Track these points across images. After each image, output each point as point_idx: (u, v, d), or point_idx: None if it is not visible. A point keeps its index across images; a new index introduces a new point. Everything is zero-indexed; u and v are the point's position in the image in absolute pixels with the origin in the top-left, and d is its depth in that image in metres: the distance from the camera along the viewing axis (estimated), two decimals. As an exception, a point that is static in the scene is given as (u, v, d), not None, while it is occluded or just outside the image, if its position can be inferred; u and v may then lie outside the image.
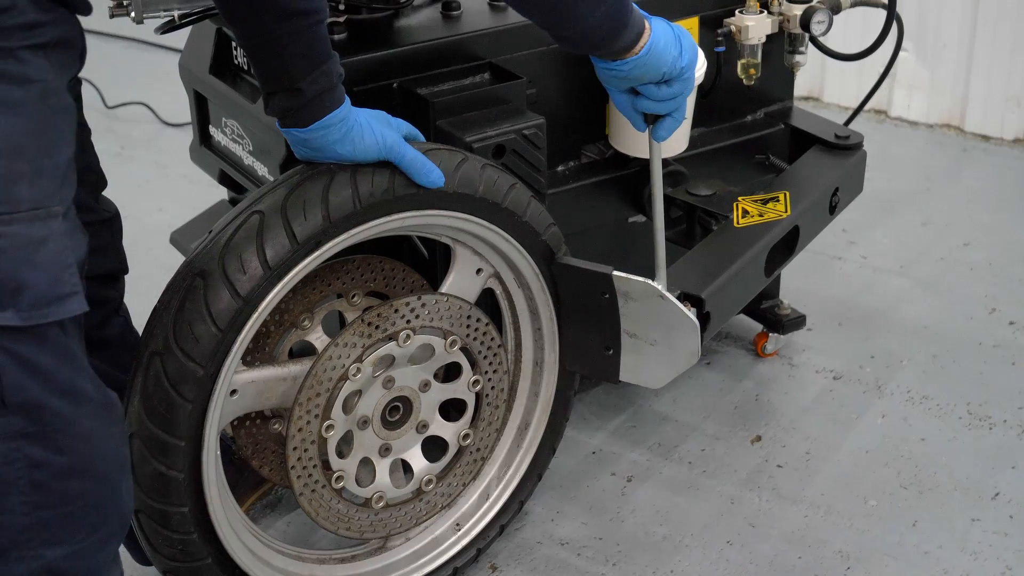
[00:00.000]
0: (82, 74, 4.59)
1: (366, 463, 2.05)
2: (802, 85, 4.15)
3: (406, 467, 2.12)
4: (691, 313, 2.05)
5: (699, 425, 2.66)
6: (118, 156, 3.89)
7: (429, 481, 2.12)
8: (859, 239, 3.34)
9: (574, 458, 2.57)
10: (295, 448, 1.94)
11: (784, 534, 2.37)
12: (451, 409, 2.15)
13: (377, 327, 1.96)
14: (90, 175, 1.92)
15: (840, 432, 2.63)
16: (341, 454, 2.01)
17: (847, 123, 2.74)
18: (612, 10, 1.76)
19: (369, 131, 1.83)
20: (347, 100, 1.83)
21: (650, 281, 2.03)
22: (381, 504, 2.07)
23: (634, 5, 1.83)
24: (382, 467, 2.06)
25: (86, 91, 4.15)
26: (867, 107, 4.01)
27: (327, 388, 1.93)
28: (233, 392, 1.90)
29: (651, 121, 1.98)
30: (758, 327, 2.87)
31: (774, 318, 2.81)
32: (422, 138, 1.97)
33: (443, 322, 2.02)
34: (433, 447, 2.14)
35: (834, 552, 2.33)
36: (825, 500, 2.45)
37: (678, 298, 2.07)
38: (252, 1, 1.70)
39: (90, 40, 5.04)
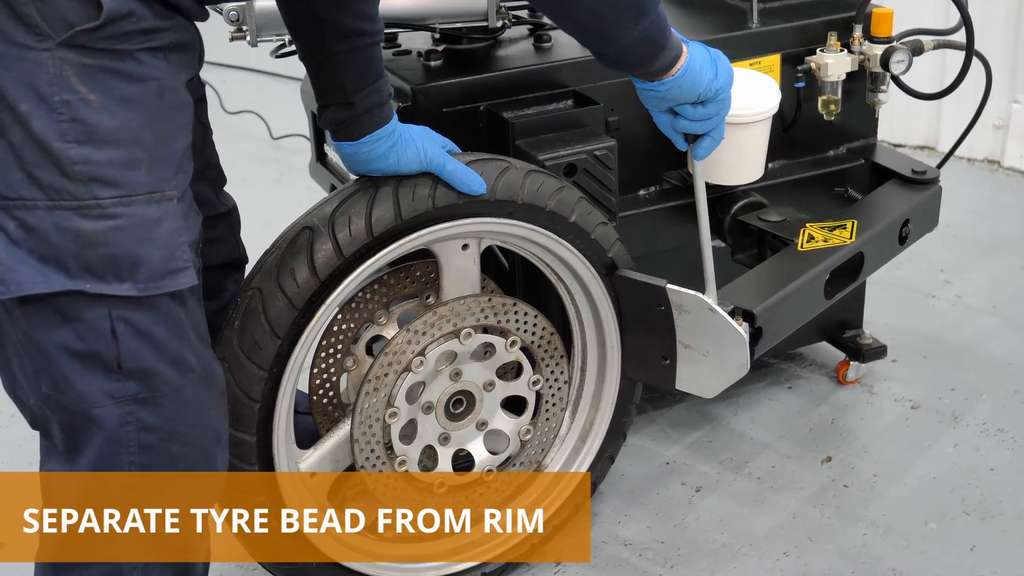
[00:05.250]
0: (252, 108, 4.78)
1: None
2: (919, 134, 4.05)
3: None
4: (740, 327, 2.01)
5: (772, 444, 2.60)
6: (277, 182, 4.03)
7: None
8: (955, 279, 3.23)
9: (647, 466, 2.54)
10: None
11: (841, 549, 2.30)
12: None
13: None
14: (211, 171, 1.97)
15: (910, 458, 2.54)
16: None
17: (939, 166, 2.64)
18: (649, 31, 1.74)
19: (412, 145, 1.86)
20: (395, 117, 1.86)
21: (700, 295, 2.00)
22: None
23: (672, 29, 1.81)
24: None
25: (254, 121, 4.35)
26: (981, 157, 3.93)
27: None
28: (313, 475, 1.99)
29: (691, 140, 1.96)
30: (841, 355, 2.79)
31: (855, 347, 2.74)
32: (459, 151, 1.98)
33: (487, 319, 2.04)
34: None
35: (888, 569, 2.24)
36: (886, 520, 2.37)
37: (731, 312, 2.04)
38: (315, 18, 1.75)
39: (260, 79, 5.25)
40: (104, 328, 1.47)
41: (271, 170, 4.11)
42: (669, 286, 2.03)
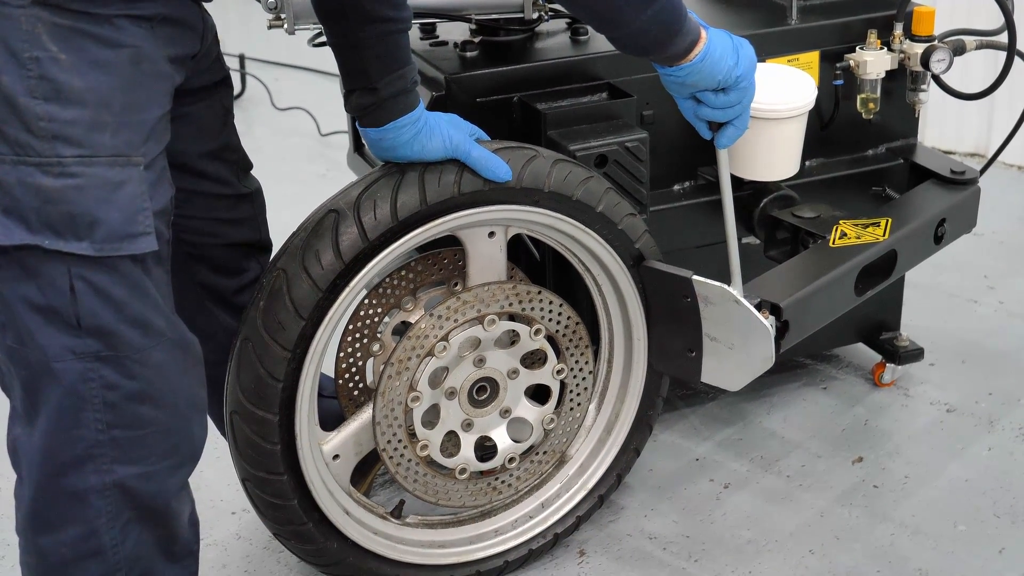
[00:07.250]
0: (302, 104, 4.80)
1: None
2: (969, 142, 4.00)
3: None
4: (766, 320, 2.01)
5: (804, 443, 2.59)
6: (322, 178, 4.06)
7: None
8: (999, 285, 3.19)
9: (677, 462, 2.54)
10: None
11: (867, 548, 2.28)
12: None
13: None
14: (230, 153, 2.01)
15: (943, 460, 2.52)
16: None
17: (982, 172, 2.61)
18: (660, 16, 1.74)
19: (438, 132, 1.86)
20: (421, 104, 1.87)
21: (726, 286, 2.00)
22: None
23: (691, 14, 1.81)
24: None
25: (304, 118, 4.39)
26: (1033, 165, 3.88)
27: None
28: (335, 457, 2.01)
29: (715, 128, 1.96)
30: (877, 357, 2.78)
31: (892, 349, 2.72)
32: (487, 139, 1.98)
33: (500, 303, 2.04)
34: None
35: (914, 570, 2.23)
36: (915, 521, 2.35)
37: (757, 305, 2.03)
38: (340, 3, 1.77)
39: (312, 77, 5.28)
40: (63, 284, 1.51)
41: (318, 166, 4.15)
42: (695, 277, 2.03)
